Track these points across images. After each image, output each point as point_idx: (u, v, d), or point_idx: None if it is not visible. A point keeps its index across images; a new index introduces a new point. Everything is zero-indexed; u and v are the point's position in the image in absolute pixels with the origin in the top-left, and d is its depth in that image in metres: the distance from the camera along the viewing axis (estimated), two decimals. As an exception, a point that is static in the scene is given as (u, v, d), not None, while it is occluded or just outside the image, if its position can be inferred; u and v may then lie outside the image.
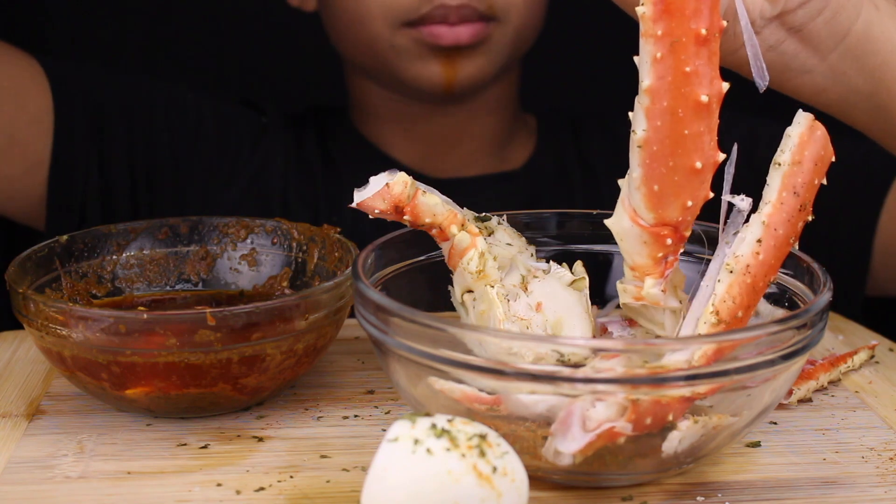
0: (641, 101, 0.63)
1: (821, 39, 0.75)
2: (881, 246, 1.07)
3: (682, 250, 0.67)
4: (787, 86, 0.77)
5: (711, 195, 0.65)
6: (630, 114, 0.64)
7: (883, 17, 0.77)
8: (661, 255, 0.66)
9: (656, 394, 0.61)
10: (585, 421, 0.61)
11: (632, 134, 0.64)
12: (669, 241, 0.66)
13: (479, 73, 1.05)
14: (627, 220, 0.66)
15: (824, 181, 0.67)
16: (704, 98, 0.63)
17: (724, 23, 0.63)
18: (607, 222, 0.67)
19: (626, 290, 0.68)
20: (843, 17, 0.75)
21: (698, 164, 0.64)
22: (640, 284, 0.67)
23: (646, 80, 0.63)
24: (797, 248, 0.67)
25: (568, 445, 0.62)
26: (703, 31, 0.62)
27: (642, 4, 0.62)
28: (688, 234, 0.66)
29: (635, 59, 0.63)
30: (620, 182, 0.67)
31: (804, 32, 0.74)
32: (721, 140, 0.65)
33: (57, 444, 0.71)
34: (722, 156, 0.65)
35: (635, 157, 0.64)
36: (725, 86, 0.63)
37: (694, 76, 0.62)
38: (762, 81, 0.68)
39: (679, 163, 0.63)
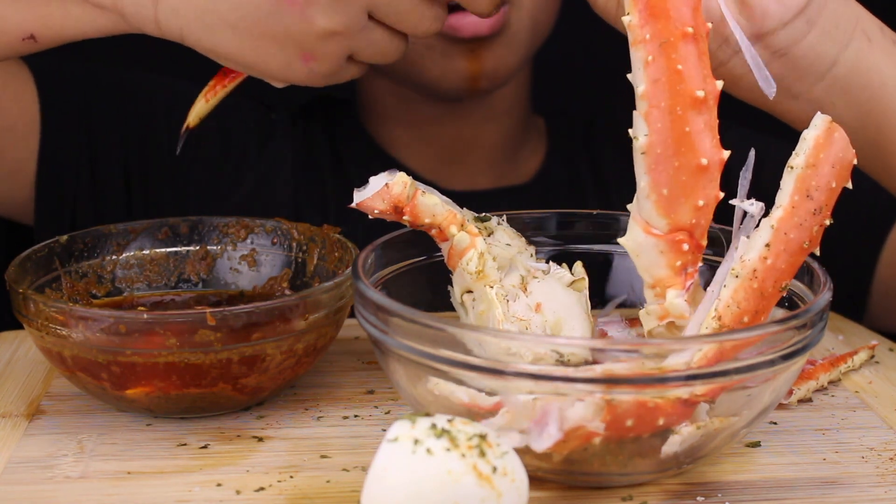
0: (640, 108, 0.64)
1: (806, 64, 0.76)
2: (880, 282, 1.06)
3: (700, 262, 0.67)
4: (776, 109, 0.78)
5: (722, 195, 0.65)
6: (630, 131, 0.65)
7: (874, 50, 0.77)
8: (679, 263, 0.66)
9: (658, 394, 0.61)
10: (562, 420, 0.61)
11: (634, 142, 0.64)
12: (686, 247, 0.65)
13: (503, 64, 1.03)
14: (641, 233, 0.66)
15: (848, 185, 0.65)
16: (700, 93, 0.63)
17: (709, 24, 0.64)
18: (621, 241, 0.67)
19: (649, 313, 0.67)
20: (829, 46, 0.76)
21: (704, 161, 0.64)
22: (662, 302, 0.67)
23: (640, 85, 0.63)
24: (818, 252, 0.66)
25: (540, 443, 0.61)
26: (690, 30, 0.63)
27: (628, 14, 0.63)
28: (704, 242, 0.66)
29: (629, 76, 0.64)
30: (629, 206, 0.67)
31: (789, 56, 0.75)
32: (736, 154, 0.65)
33: (57, 444, 0.71)
34: (727, 153, 0.65)
35: (640, 165, 0.64)
36: (720, 84, 0.64)
37: (687, 73, 0.63)
38: (770, 89, 0.68)
39: (684, 161, 0.64)
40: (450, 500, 0.56)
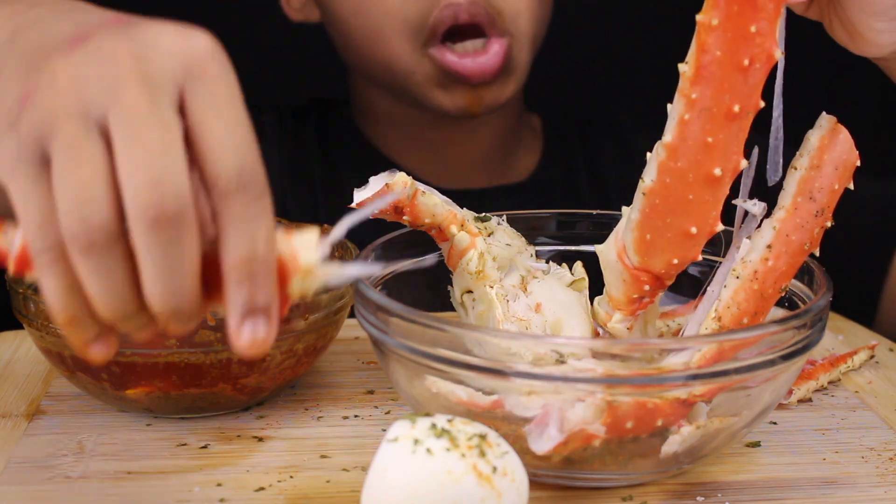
0: (658, 153, 0.62)
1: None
2: (891, 290, 1.05)
3: (659, 295, 0.67)
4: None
5: (701, 258, 0.65)
6: (648, 154, 0.64)
7: None
8: (636, 296, 0.66)
9: (658, 394, 0.61)
10: (563, 421, 0.61)
11: (640, 180, 0.63)
12: (647, 287, 0.66)
13: (503, 95, 1.04)
14: (614, 255, 0.66)
15: (850, 186, 0.65)
16: (718, 172, 0.61)
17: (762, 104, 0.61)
18: (597, 248, 0.67)
19: (597, 312, 0.69)
20: None
21: (693, 230, 0.63)
22: (610, 312, 0.68)
23: (668, 135, 0.62)
24: (818, 253, 0.66)
25: (541, 445, 0.61)
26: (736, 109, 0.60)
27: (686, 63, 0.60)
28: (669, 283, 0.66)
29: (669, 106, 0.62)
30: (625, 209, 0.67)
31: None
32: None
33: (57, 444, 0.71)
34: (721, 227, 0.64)
35: (638, 200, 0.64)
36: (744, 163, 0.62)
37: (714, 148, 0.61)
38: (774, 176, 0.67)
39: (675, 223, 0.63)
40: (450, 500, 0.56)
